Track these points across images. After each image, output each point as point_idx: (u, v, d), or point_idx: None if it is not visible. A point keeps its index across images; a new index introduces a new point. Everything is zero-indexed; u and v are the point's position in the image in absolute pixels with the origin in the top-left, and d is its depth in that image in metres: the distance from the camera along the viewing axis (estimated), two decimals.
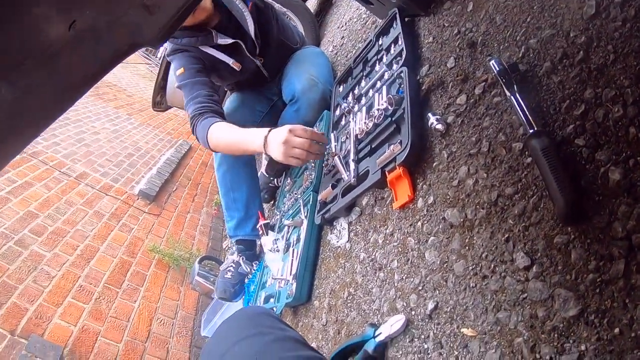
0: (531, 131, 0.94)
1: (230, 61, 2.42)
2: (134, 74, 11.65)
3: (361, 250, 1.48)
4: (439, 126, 1.27)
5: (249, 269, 2.48)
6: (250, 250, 2.55)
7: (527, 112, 0.98)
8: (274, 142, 1.72)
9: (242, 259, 2.51)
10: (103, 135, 5.84)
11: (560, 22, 1.06)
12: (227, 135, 2.06)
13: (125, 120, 7.06)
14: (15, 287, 2.75)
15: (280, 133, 1.71)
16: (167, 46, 2.50)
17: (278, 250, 2.07)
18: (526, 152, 0.97)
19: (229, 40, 2.37)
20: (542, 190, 0.90)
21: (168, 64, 3.73)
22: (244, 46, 2.45)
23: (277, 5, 2.66)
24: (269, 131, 1.78)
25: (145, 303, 3.25)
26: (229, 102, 2.75)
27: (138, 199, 4.53)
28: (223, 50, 2.41)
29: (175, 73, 2.40)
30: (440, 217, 1.15)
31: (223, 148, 2.17)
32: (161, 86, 4.12)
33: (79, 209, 3.90)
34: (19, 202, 3.55)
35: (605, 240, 0.76)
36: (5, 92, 0.58)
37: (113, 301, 3.12)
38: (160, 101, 4.29)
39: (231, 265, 2.50)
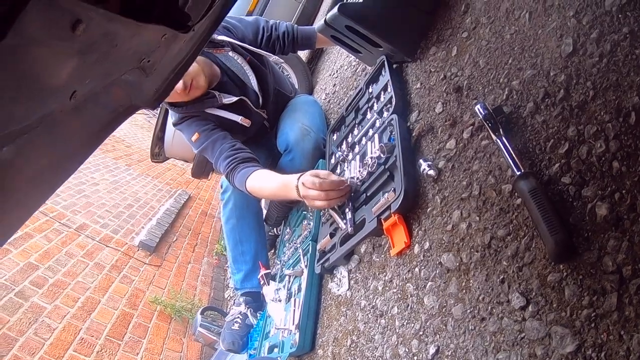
0: (518, 173, 0.96)
1: (238, 119, 2.44)
2: (132, 124, 11.78)
3: (362, 298, 1.49)
4: (431, 172, 1.30)
5: (255, 320, 2.47)
6: (257, 302, 2.54)
7: (514, 155, 1.00)
8: (301, 195, 1.76)
9: (250, 310, 2.50)
10: (102, 186, 5.89)
11: (540, 61, 1.10)
12: (266, 187, 2.08)
13: (124, 171, 7.12)
14: (16, 340, 2.74)
15: (300, 187, 1.75)
16: (172, 115, 2.53)
17: (280, 300, 2.07)
18: (515, 194, 0.99)
19: (234, 98, 2.40)
20: (532, 230, 0.92)
21: (165, 116, 3.79)
22: (248, 101, 2.49)
23: (272, 57, 2.72)
24: (298, 180, 1.78)
25: (148, 355, 3.23)
26: None
27: (138, 250, 4.54)
28: (229, 109, 2.43)
29: (190, 140, 2.42)
30: (437, 262, 1.16)
31: (267, 197, 2.27)
32: (159, 137, 4.17)
33: (80, 260, 3.91)
34: (19, 253, 3.56)
35: (597, 275, 0.77)
36: (9, 156, 0.60)
37: (115, 354, 3.10)
38: (158, 152, 4.34)
39: (238, 317, 2.48)
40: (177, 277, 4.45)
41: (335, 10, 1.77)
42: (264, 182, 2.07)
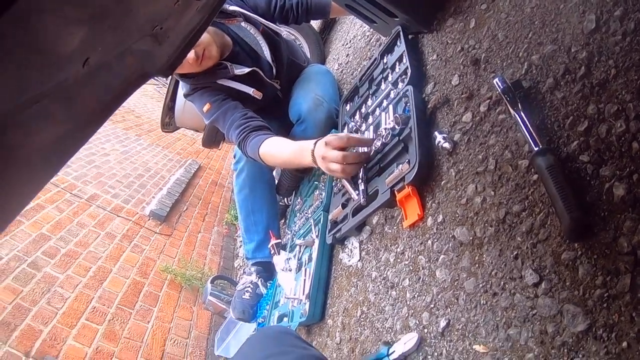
0: (536, 149, 0.95)
1: (250, 91, 2.42)
2: (141, 94, 11.74)
3: (373, 269, 1.49)
4: (446, 145, 1.29)
5: (265, 290, 2.50)
6: (268, 272, 2.56)
7: (532, 130, 0.99)
8: (317, 158, 1.71)
9: (261, 280, 2.52)
10: (113, 156, 5.90)
11: (561, 37, 1.08)
12: (278, 154, 2.07)
13: (134, 141, 7.12)
14: (29, 309, 2.78)
15: (319, 148, 1.70)
16: (183, 86, 2.53)
17: (290, 270, 2.08)
18: (532, 170, 0.99)
19: (246, 70, 2.39)
20: (548, 207, 0.92)
21: (176, 85, 3.77)
22: (261, 72, 2.48)
23: (283, 32, 2.69)
24: (315, 144, 1.74)
25: (158, 323, 3.27)
26: None
27: (149, 219, 4.56)
28: (241, 80, 2.42)
29: (202, 111, 2.42)
30: (450, 236, 1.16)
31: (277, 165, 2.26)
32: (169, 107, 4.15)
33: (91, 230, 3.93)
34: (32, 224, 3.58)
35: (612, 256, 0.77)
36: (24, 124, 0.60)
37: (126, 322, 3.13)
38: (168, 122, 4.33)
39: (249, 286, 2.51)
40: (187, 247, 4.48)
41: None
42: (278, 148, 2.06)
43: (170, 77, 3.79)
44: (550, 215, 0.91)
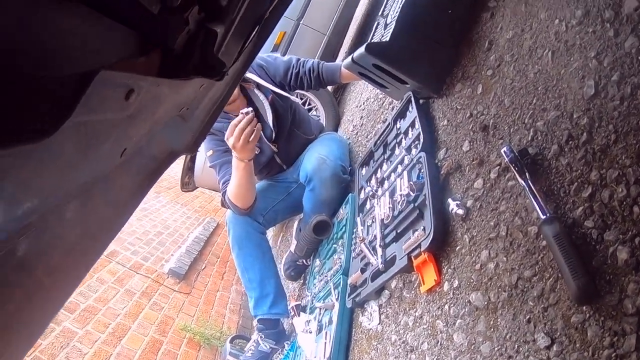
0: (543, 217, 1.00)
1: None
2: None
3: (392, 333, 1.51)
4: (460, 211, 1.33)
5: (268, 347, 2.56)
6: (271, 329, 2.62)
7: (539, 197, 1.04)
8: (234, 153, 2.27)
9: (261, 337, 2.60)
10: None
11: (563, 102, 1.13)
12: (231, 188, 2.47)
13: (153, 199, 7.21)
14: None
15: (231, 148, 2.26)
16: None
17: (311, 332, 2.10)
18: (541, 236, 1.03)
19: None
20: (557, 272, 0.95)
21: None
22: (262, 132, 2.61)
23: (295, 98, 2.88)
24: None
25: None
26: None
27: (168, 277, 4.58)
28: None
29: (206, 154, 2.68)
30: (466, 300, 1.19)
31: (240, 193, 2.50)
32: (189, 167, 4.26)
33: (110, 287, 3.94)
34: None
35: (618, 317, 0.80)
36: (70, 215, 0.66)
37: None
38: (188, 182, 4.42)
39: (252, 344, 2.63)
40: (206, 305, 4.47)
41: (362, 49, 1.82)
42: (230, 184, 2.46)
43: None
44: (560, 280, 0.94)
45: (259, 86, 2.69)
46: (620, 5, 1.07)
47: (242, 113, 2.23)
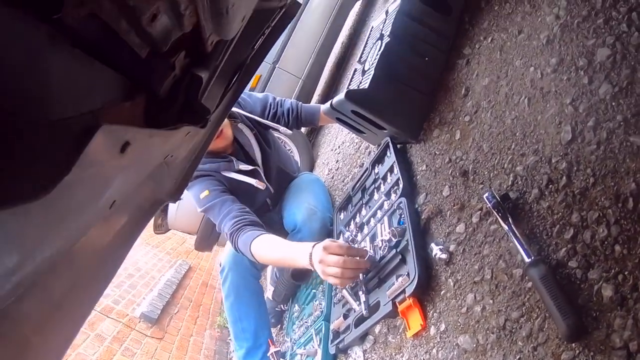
0: (528, 260, 1.02)
1: (254, 182, 2.53)
2: None
3: None
4: (443, 255, 1.35)
5: None
6: None
7: (523, 242, 1.06)
8: (315, 260, 1.71)
9: None
10: None
11: (541, 147, 1.17)
12: (271, 251, 2.07)
13: None
14: None
15: (317, 251, 1.70)
16: None
17: None
18: (526, 278, 1.05)
19: (249, 167, 2.53)
20: (544, 312, 0.97)
21: None
22: (261, 171, 2.61)
23: (277, 132, 2.85)
24: (313, 247, 1.75)
25: None
26: None
27: (140, 321, 4.49)
28: (244, 174, 2.55)
29: (198, 197, 2.46)
30: (454, 344, 1.20)
31: (268, 263, 2.26)
32: (163, 210, 4.21)
33: (81, 331, 3.84)
34: None
35: (606, 351, 0.82)
36: (63, 266, 0.65)
37: None
38: (161, 224, 4.37)
39: None
40: (179, 351, 4.38)
41: (342, 95, 1.86)
42: (272, 246, 2.08)
43: None
44: (547, 319, 0.96)
45: (242, 120, 2.67)
46: (593, 53, 1.13)
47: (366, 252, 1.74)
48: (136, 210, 0.98)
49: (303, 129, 4.34)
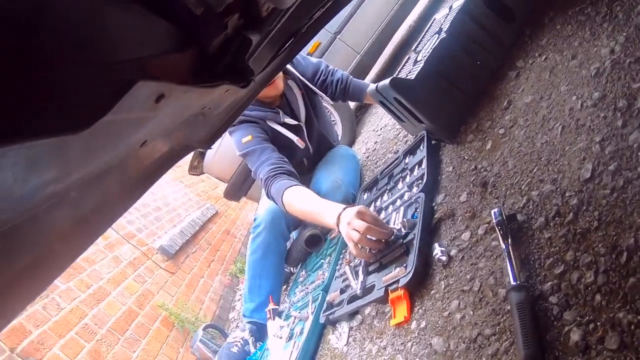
0: (513, 283, 1.06)
1: (295, 138, 2.62)
2: None
3: (355, 357, 1.57)
4: (443, 258, 1.39)
5: (254, 349, 2.54)
6: (260, 333, 2.61)
7: (515, 264, 1.10)
8: (343, 220, 1.76)
9: (252, 339, 2.57)
10: None
11: (560, 178, 1.18)
12: (303, 203, 2.16)
13: None
14: (24, 309, 2.85)
15: (348, 213, 1.75)
16: None
17: (281, 337, 2.14)
18: (507, 300, 1.08)
19: (294, 122, 2.61)
20: (514, 337, 1.00)
21: None
22: (304, 130, 2.68)
23: (324, 99, 2.90)
24: (344, 209, 1.81)
25: (143, 356, 3.32)
26: None
27: (157, 253, 4.63)
28: (287, 128, 2.62)
29: (239, 141, 2.54)
30: (428, 342, 1.25)
31: (296, 213, 2.25)
32: (201, 153, 4.31)
33: (100, 250, 4.00)
34: None
35: None
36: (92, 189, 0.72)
37: (113, 346, 3.20)
38: (196, 166, 4.47)
39: (239, 341, 2.56)
40: (188, 288, 4.52)
41: (387, 81, 1.88)
42: (304, 198, 2.15)
43: None
44: (514, 345, 1.00)
45: (293, 78, 2.73)
46: (635, 97, 1.13)
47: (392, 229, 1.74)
48: (167, 152, 1.04)
49: (352, 104, 4.35)
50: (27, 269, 0.62)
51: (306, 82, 2.74)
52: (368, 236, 1.66)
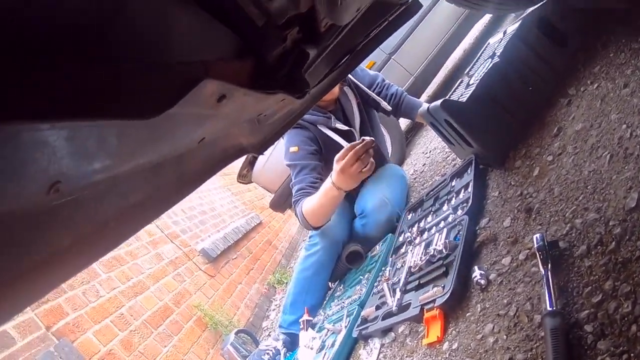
0: (549, 309, 1.04)
1: (344, 144, 2.61)
2: None
3: None
4: (482, 281, 1.38)
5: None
6: (293, 346, 2.62)
7: (553, 290, 1.08)
8: (339, 179, 1.98)
9: (285, 350, 2.59)
10: None
11: (605, 207, 1.16)
12: (312, 202, 2.31)
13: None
14: (64, 291, 2.95)
15: (335, 172, 1.99)
16: None
17: (312, 349, 2.15)
18: (542, 327, 1.07)
19: (345, 127, 2.65)
20: None
21: None
22: (357, 135, 2.70)
23: (382, 104, 2.92)
24: (330, 177, 2.03)
25: (173, 352, 3.37)
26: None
27: (199, 255, 4.72)
28: (338, 134, 2.66)
29: (288, 149, 2.63)
30: None
31: (317, 212, 2.37)
32: (250, 161, 4.37)
33: (144, 245, 4.10)
34: None
35: None
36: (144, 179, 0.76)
37: (145, 339, 3.26)
38: (245, 174, 4.54)
39: (271, 350, 2.59)
40: (225, 292, 4.58)
41: (438, 102, 1.89)
42: (311, 199, 2.32)
43: None
44: None
45: (350, 84, 2.78)
46: None
47: (363, 139, 2.09)
48: (221, 152, 1.08)
49: (403, 125, 4.36)
50: (72, 246, 0.65)
51: (363, 88, 2.78)
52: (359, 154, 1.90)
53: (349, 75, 2.77)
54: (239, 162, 4.08)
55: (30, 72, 0.42)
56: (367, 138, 2.01)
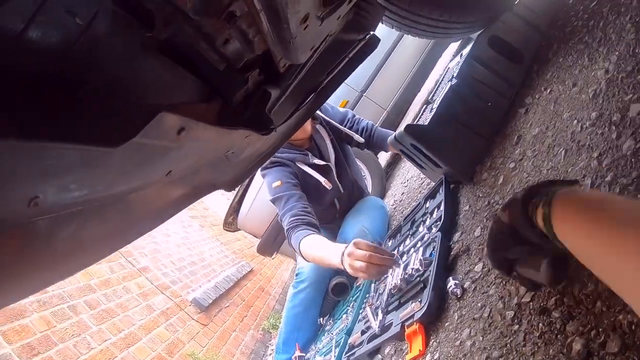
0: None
1: (322, 179, 2.70)
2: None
3: None
4: (457, 290, 1.40)
5: None
6: None
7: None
8: (345, 256, 1.90)
9: None
10: (173, 238, 6.19)
11: None
12: (315, 249, 2.25)
13: (196, 230, 7.44)
14: (55, 344, 2.97)
15: (348, 248, 1.90)
16: None
17: None
18: (515, 320, 1.10)
19: (322, 162, 2.69)
20: (520, 356, 1.01)
21: (245, 190, 4.07)
22: (333, 169, 2.76)
23: (355, 137, 2.97)
24: (345, 247, 1.94)
25: None
26: None
27: (190, 305, 4.72)
28: (315, 170, 2.70)
29: (270, 185, 2.64)
30: None
31: (312, 260, 2.35)
32: (235, 209, 4.42)
33: (134, 297, 4.12)
34: (83, 273, 3.82)
35: None
36: (113, 211, 0.81)
37: None
38: (231, 222, 4.58)
39: None
40: (219, 340, 4.55)
41: (402, 129, 1.96)
42: (315, 244, 2.25)
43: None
44: None
45: (321, 122, 2.85)
46: (627, 108, 1.17)
47: (393, 253, 1.97)
48: (191, 189, 1.12)
49: (382, 161, 4.43)
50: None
51: (334, 124, 2.85)
52: (372, 261, 1.81)
53: (320, 113, 2.86)
54: (224, 212, 4.11)
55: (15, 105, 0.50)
56: (395, 256, 1.93)
